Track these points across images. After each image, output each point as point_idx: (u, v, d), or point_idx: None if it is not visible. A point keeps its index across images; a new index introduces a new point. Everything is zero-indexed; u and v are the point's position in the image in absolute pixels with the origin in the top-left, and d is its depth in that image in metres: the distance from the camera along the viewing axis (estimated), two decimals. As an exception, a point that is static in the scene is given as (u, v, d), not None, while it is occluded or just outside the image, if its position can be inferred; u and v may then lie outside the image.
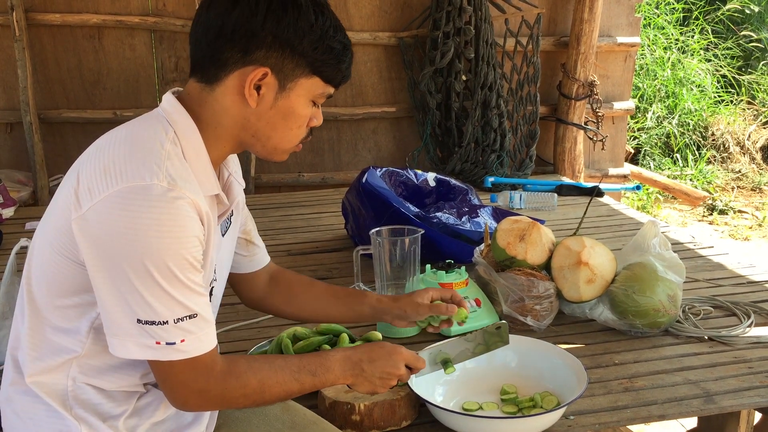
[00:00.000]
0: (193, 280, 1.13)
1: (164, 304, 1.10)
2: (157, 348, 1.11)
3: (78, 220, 1.11)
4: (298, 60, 1.19)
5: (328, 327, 1.78)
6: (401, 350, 1.36)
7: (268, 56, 1.18)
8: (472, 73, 3.63)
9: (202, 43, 1.20)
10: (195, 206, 1.13)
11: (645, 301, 1.80)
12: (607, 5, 3.90)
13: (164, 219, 1.08)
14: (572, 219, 2.93)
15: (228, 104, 1.21)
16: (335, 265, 2.46)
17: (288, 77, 1.20)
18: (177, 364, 1.13)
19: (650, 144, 6.46)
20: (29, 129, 3.45)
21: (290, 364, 1.25)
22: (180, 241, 1.10)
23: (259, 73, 1.18)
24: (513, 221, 2.01)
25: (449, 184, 2.74)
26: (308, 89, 1.23)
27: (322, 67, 1.22)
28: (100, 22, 3.47)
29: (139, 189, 1.09)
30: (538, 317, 1.86)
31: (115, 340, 1.12)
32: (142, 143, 1.15)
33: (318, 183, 3.83)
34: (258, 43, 1.17)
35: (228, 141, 1.24)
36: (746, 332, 1.87)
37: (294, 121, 1.24)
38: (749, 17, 7.38)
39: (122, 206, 1.08)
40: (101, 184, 1.10)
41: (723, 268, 2.37)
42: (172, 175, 1.11)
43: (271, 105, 1.21)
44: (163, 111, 1.21)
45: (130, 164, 1.11)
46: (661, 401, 1.56)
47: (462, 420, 1.41)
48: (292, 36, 1.18)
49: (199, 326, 1.14)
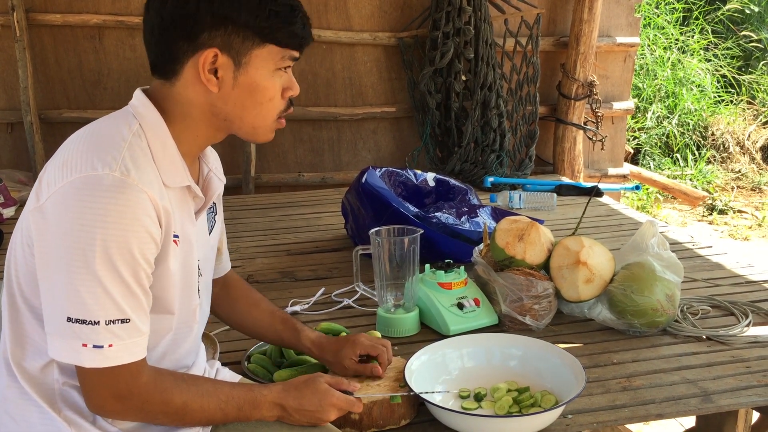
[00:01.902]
0: (137, 280, 1.11)
1: (98, 302, 1.08)
2: (83, 351, 1.08)
3: (34, 212, 1.12)
4: (244, 32, 1.17)
5: (328, 326, 1.79)
6: (333, 396, 1.31)
7: (213, 36, 1.16)
8: (471, 73, 3.64)
9: (151, 43, 1.20)
10: (151, 201, 1.11)
11: (643, 301, 1.81)
12: (606, 5, 3.90)
13: (112, 209, 1.07)
14: (571, 219, 2.93)
15: (191, 96, 1.20)
16: (335, 264, 2.46)
17: (240, 52, 1.18)
18: (99, 368, 1.10)
19: (650, 144, 6.46)
20: (30, 129, 3.46)
21: (219, 392, 1.23)
22: (128, 234, 1.08)
23: (209, 56, 1.16)
24: (512, 221, 2.01)
25: (449, 184, 2.74)
26: (266, 59, 1.20)
27: (272, 33, 1.18)
28: (101, 22, 3.48)
29: (89, 178, 1.08)
30: (536, 317, 1.87)
31: (48, 338, 1.11)
32: (102, 136, 1.15)
33: (318, 183, 3.83)
34: (199, 26, 1.15)
35: (202, 130, 1.23)
36: (744, 332, 1.88)
37: (261, 95, 1.21)
38: (749, 17, 7.38)
39: (72, 196, 1.07)
40: (57, 176, 1.10)
41: (721, 267, 2.37)
42: (127, 167, 1.10)
43: (232, 85, 1.19)
44: (131, 107, 1.21)
45: (86, 155, 1.11)
46: (659, 400, 1.56)
47: (461, 419, 1.42)
48: (229, 10, 1.15)
49: (130, 333, 1.11)
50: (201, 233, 1.30)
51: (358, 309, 2.07)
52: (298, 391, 1.30)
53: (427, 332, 1.89)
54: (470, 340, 1.69)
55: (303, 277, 2.35)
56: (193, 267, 1.27)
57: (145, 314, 1.14)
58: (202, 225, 1.31)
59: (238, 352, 1.78)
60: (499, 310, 1.89)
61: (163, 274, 1.18)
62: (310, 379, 1.34)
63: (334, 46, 3.71)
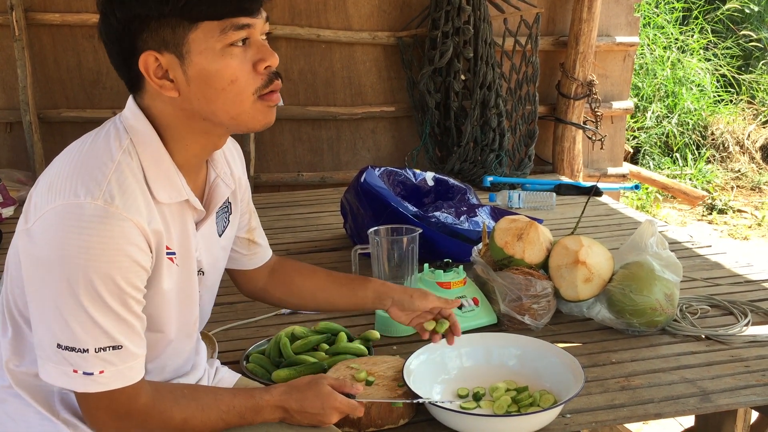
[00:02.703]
0: (127, 307, 1.08)
1: (86, 331, 1.05)
2: (74, 377, 1.07)
3: (22, 234, 1.09)
4: (168, 21, 1.07)
5: (327, 326, 1.79)
6: (336, 399, 1.30)
7: (144, 40, 1.08)
8: (470, 72, 3.64)
9: (116, 69, 1.16)
10: (137, 227, 1.07)
11: (642, 300, 1.81)
12: (606, 5, 3.90)
13: (94, 240, 1.03)
14: (570, 218, 2.93)
15: (160, 105, 1.14)
16: (334, 264, 2.46)
17: (177, 44, 1.08)
18: (95, 393, 1.09)
19: (649, 143, 6.46)
20: (29, 128, 3.45)
21: (219, 403, 1.22)
22: (111, 265, 1.04)
23: (149, 60, 1.09)
24: (511, 220, 2.01)
25: (448, 183, 2.74)
26: (205, 39, 1.08)
27: (196, 8, 1.06)
28: (100, 21, 3.48)
29: (72, 207, 1.04)
30: (535, 316, 1.87)
31: (39, 362, 1.10)
32: (90, 156, 1.11)
33: (317, 182, 3.83)
34: (127, 36, 1.08)
35: (189, 138, 1.17)
36: (743, 331, 1.88)
37: (218, 80, 1.09)
38: (749, 17, 7.39)
39: (55, 225, 1.05)
40: (44, 200, 1.08)
41: (720, 267, 2.37)
42: (111, 193, 1.06)
43: (186, 81, 1.10)
44: (123, 119, 1.16)
45: (71, 180, 1.07)
46: (658, 400, 1.56)
47: (459, 418, 1.42)
48: (139, 7, 1.06)
49: (123, 359, 1.09)
50: (206, 238, 1.28)
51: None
52: (300, 393, 1.29)
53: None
54: (469, 340, 1.69)
55: (302, 277, 2.35)
56: (192, 279, 1.25)
57: (139, 337, 1.12)
58: (208, 230, 1.28)
59: (236, 351, 1.78)
60: (498, 310, 1.89)
61: (157, 294, 1.16)
62: (313, 381, 1.32)
63: (333, 46, 3.71)
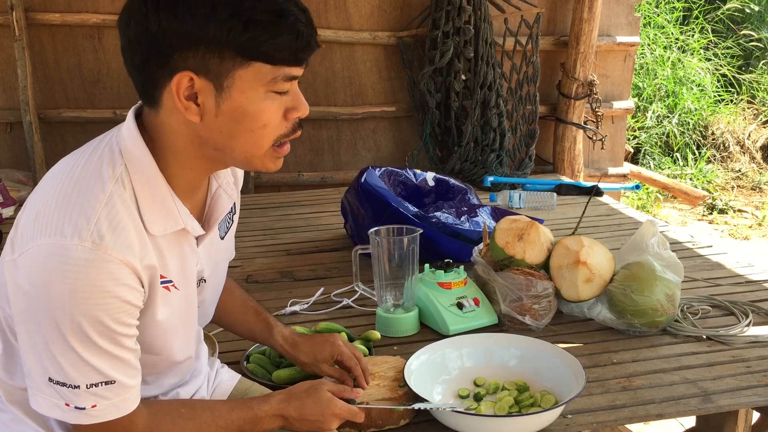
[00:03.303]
0: (117, 344, 1.04)
1: (77, 369, 1.02)
2: (66, 410, 1.05)
3: (8, 264, 1.05)
4: (220, 50, 1.00)
5: (327, 326, 1.79)
6: (336, 406, 1.29)
7: (185, 58, 1.01)
8: (471, 72, 3.63)
9: (131, 70, 1.07)
10: (128, 266, 1.03)
11: (643, 301, 1.81)
12: (606, 5, 3.90)
13: (79, 285, 0.99)
14: (571, 218, 2.93)
15: (174, 125, 1.07)
16: (334, 264, 2.46)
17: (220, 74, 1.02)
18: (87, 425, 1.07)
19: (650, 143, 6.45)
20: (29, 128, 3.45)
21: (217, 419, 1.20)
22: (99, 307, 1.01)
23: (183, 80, 1.02)
24: (512, 220, 2.01)
25: (448, 183, 2.74)
26: (253, 80, 1.03)
27: (256, 49, 1.01)
28: (100, 21, 3.48)
29: (57, 248, 0.99)
30: (536, 316, 1.86)
31: (30, 392, 1.07)
32: (79, 187, 1.04)
33: (317, 182, 3.83)
34: (166, 48, 1.00)
35: (194, 163, 1.11)
36: (744, 332, 1.88)
37: (251, 122, 1.06)
38: (749, 16, 7.38)
39: (40, 264, 1.00)
40: (30, 233, 1.03)
41: (721, 267, 2.37)
42: (101, 232, 1.00)
43: (215, 112, 1.04)
44: (120, 140, 1.09)
45: (57, 215, 1.02)
46: (659, 400, 1.56)
47: (460, 419, 1.42)
48: (193, 26, 0.99)
49: (116, 392, 1.06)
50: (207, 249, 1.25)
51: (357, 309, 2.07)
52: (299, 400, 1.28)
53: (427, 332, 1.89)
54: (470, 340, 1.69)
55: (302, 277, 2.35)
56: (192, 298, 1.23)
57: (133, 369, 1.09)
58: (209, 241, 1.25)
59: (237, 352, 1.78)
60: (499, 310, 1.89)
61: (152, 324, 1.13)
62: (312, 387, 1.31)
63: (333, 46, 3.70)
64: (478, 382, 1.58)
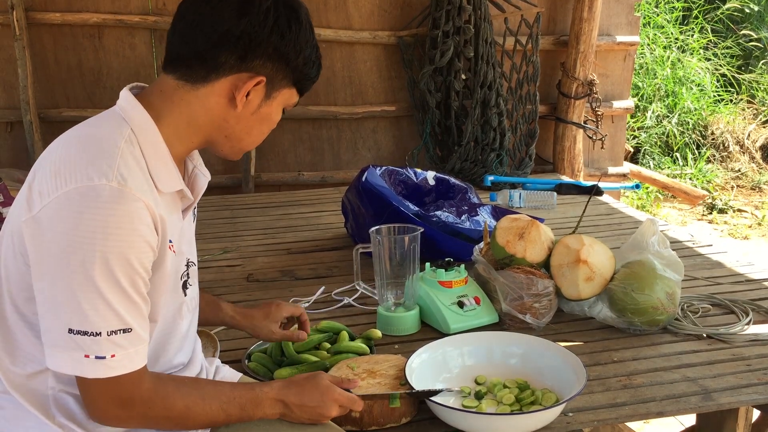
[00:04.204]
0: (136, 289, 1.11)
1: (100, 314, 1.07)
2: (85, 362, 1.08)
3: (28, 222, 1.09)
4: (289, 73, 1.24)
5: (328, 325, 1.79)
6: (335, 392, 1.33)
7: (265, 66, 1.21)
8: (471, 72, 3.64)
9: (197, 42, 1.18)
10: (148, 209, 1.11)
11: (644, 299, 1.81)
12: (606, 4, 3.90)
13: (111, 221, 1.06)
14: (571, 217, 2.93)
15: (211, 105, 1.21)
16: (335, 263, 2.46)
17: (275, 87, 1.24)
18: (101, 380, 1.10)
19: (650, 143, 6.46)
20: (29, 128, 3.46)
21: (220, 394, 1.24)
22: (127, 244, 1.07)
23: (255, 81, 1.20)
24: (512, 219, 2.01)
25: (449, 182, 2.74)
26: (287, 98, 1.28)
27: (304, 81, 1.28)
28: (100, 21, 3.48)
29: (86, 190, 1.06)
30: (537, 315, 1.87)
31: (47, 350, 1.10)
32: (94, 142, 1.13)
33: (318, 182, 3.83)
34: (260, 53, 1.19)
35: (197, 138, 1.24)
36: (744, 330, 1.88)
37: (267, 126, 1.29)
38: (749, 16, 7.39)
39: (69, 208, 1.06)
40: (51, 186, 1.08)
41: (722, 266, 2.37)
42: (123, 175, 1.09)
43: (254, 111, 1.24)
44: (120, 108, 1.19)
45: (80, 165, 1.08)
46: (660, 398, 1.56)
47: (461, 416, 1.42)
48: (291, 51, 1.22)
49: (132, 342, 1.11)
50: (188, 228, 1.33)
51: (358, 308, 2.07)
52: (299, 387, 1.31)
53: (428, 331, 1.89)
54: (471, 339, 1.69)
55: (303, 276, 2.35)
56: (181, 267, 1.28)
57: (145, 321, 1.15)
58: (189, 221, 1.33)
59: (238, 350, 1.78)
60: (500, 309, 1.89)
61: (160, 280, 1.19)
62: (311, 376, 1.35)
63: (333, 45, 3.71)
64: (479, 381, 1.59)
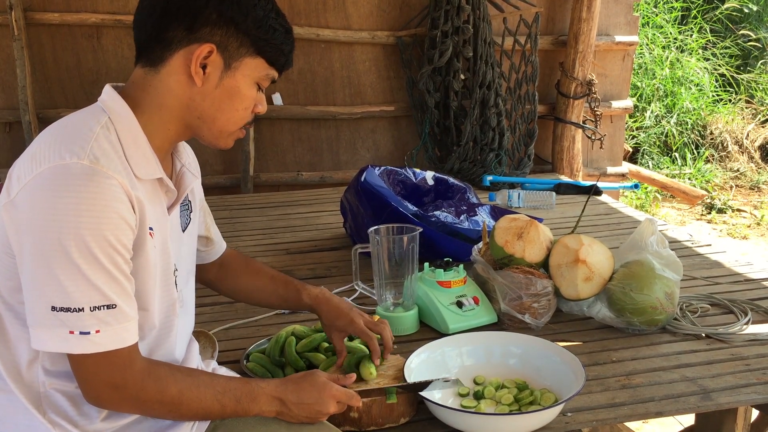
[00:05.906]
0: (116, 266, 1.10)
1: (80, 289, 1.07)
2: (70, 338, 1.08)
3: (7, 206, 1.11)
4: (243, 38, 1.21)
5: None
6: (332, 388, 1.32)
7: (213, 33, 1.19)
8: (470, 72, 3.64)
9: (147, 24, 1.20)
10: (122, 187, 1.11)
11: (642, 299, 1.81)
12: (605, 4, 3.90)
13: (84, 197, 1.07)
14: (570, 217, 2.93)
15: (173, 84, 1.21)
16: (334, 263, 2.46)
17: (233, 56, 1.21)
18: (92, 356, 1.10)
19: (649, 143, 6.46)
20: (28, 128, 3.45)
21: (216, 384, 1.22)
22: (101, 220, 1.08)
23: (204, 50, 1.19)
24: (511, 219, 2.01)
25: (447, 182, 2.74)
26: (253, 69, 1.24)
27: (266, 47, 1.23)
28: (99, 21, 3.48)
29: (58, 168, 1.08)
30: (536, 315, 1.87)
31: (32, 331, 1.10)
32: (70, 126, 1.16)
33: (317, 182, 3.83)
34: (203, 20, 1.18)
35: (172, 124, 1.24)
36: (743, 330, 1.88)
37: (239, 101, 1.25)
38: (747, 16, 7.39)
39: (42, 187, 1.07)
40: (27, 170, 1.10)
41: (720, 266, 2.38)
42: (96, 155, 1.10)
43: (216, 84, 1.22)
44: (100, 101, 1.21)
45: (54, 146, 1.11)
46: (659, 398, 1.56)
47: (460, 416, 1.42)
48: (236, 13, 1.19)
49: (117, 318, 1.11)
50: (174, 228, 1.30)
51: (357, 307, 2.06)
52: (296, 384, 1.31)
53: (427, 331, 1.89)
54: (469, 339, 1.69)
55: (302, 276, 2.35)
56: (169, 261, 1.27)
57: (131, 299, 1.14)
58: (175, 220, 1.31)
59: (237, 351, 1.78)
60: (499, 309, 1.89)
61: (143, 266, 1.18)
62: (308, 374, 1.35)
63: (332, 45, 3.71)
64: (478, 381, 1.59)
